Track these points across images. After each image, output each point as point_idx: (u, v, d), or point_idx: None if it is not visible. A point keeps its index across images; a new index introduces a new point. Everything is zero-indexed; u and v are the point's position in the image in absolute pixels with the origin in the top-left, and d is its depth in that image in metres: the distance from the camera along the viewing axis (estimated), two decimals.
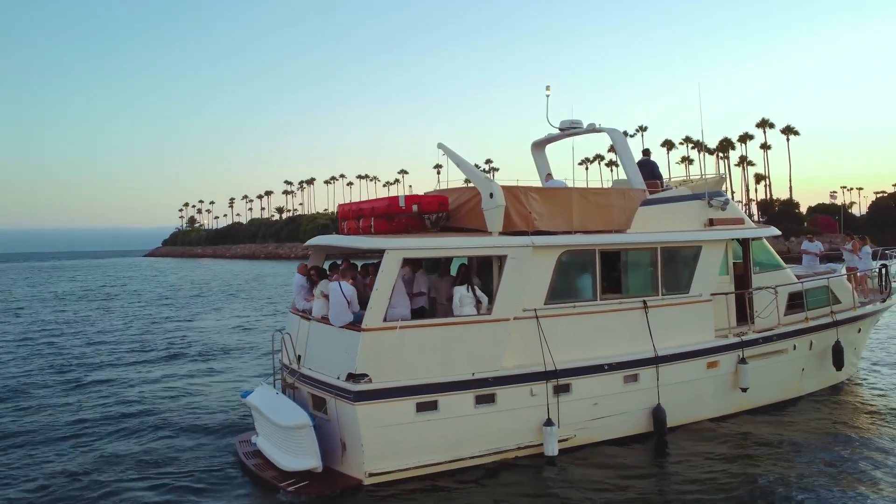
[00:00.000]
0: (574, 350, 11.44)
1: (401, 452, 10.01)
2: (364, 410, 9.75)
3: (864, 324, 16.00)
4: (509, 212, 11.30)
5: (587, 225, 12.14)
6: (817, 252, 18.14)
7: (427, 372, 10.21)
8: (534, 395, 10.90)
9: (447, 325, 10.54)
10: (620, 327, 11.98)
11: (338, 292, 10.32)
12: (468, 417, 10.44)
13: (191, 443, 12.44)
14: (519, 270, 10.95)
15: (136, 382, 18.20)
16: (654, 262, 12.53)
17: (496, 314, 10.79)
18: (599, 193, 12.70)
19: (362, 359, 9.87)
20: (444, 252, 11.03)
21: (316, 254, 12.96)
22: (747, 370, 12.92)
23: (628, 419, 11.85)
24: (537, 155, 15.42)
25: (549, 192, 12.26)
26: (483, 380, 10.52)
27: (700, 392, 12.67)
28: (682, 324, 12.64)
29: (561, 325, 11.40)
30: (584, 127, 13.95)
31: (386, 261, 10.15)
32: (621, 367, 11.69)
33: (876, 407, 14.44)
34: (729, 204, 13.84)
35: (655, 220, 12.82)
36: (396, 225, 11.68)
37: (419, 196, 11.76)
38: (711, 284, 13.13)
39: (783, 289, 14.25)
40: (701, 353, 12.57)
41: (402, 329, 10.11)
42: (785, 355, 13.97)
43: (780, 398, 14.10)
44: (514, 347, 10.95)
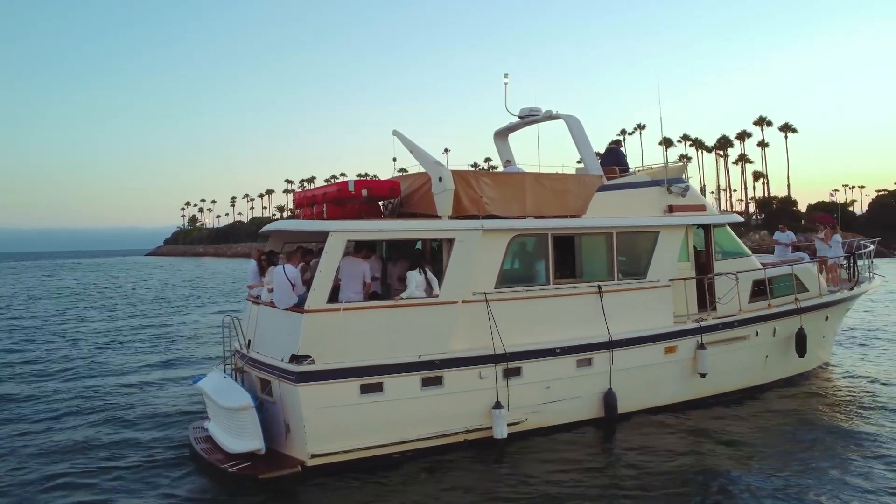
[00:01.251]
0: (526, 334, 11.44)
1: (344, 434, 10.02)
2: (306, 391, 9.76)
3: (832, 311, 15.93)
4: (459, 196, 11.31)
5: (542, 210, 12.14)
6: (788, 242, 18.11)
7: (372, 354, 10.22)
8: (482, 378, 10.90)
9: (393, 308, 10.55)
10: (574, 312, 11.97)
11: (281, 275, 10.35)
12: (414, 399, 10.45)
13: (146, 430, 12.50)
14: (467, 254, 10.96)
15: (97, 374, 18.27)
16: (610, 247, 12.53)
17: (443, 297, 10.80)
18: (554, 178, 12.70)
19: (305, 340, 9.90)
20: (388, 235, 11.06)
21: (274, 239, 12.99)
22: (706, 356, 12.89)
23: (581, 403, 11.84)
24: (500, 144, 15.42)
25: (501, 176, 12.28)
26: (430, 362, 10.53)
27: (657, 377, 12.65)
28: (639, 309, 12.63)
29: (512, 308, 11.41)
30: (542, 114, 13.96)
31: (330, 243, 10.17)
32: (574, 350, 11.68)
33: (843, 396, 14.42)
34: (689, 190, 13.82)
35: (612, 206, 12.82)
36: (349, 211, 11.67)
37: (369, 181, 11.77)
38: (670, 270, 13.12)
39: (746, 275, 14.21)
40: (657, 337, 12.56)
41: (346, 311, 10.13)
42: (747, 342, 13.93)
43: (743, 385, 14.07)
44: (463, 330, 10.96)
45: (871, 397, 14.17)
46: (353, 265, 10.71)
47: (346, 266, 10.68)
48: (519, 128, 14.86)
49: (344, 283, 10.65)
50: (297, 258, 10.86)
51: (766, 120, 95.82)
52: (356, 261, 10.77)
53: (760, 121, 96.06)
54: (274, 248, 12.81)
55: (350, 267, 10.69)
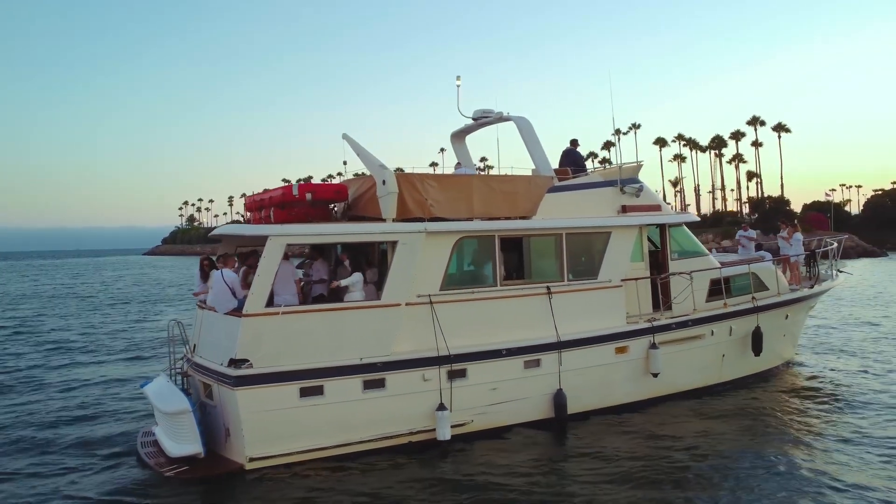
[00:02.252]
0: (472, 335, 11.48)
1: (284, 437, 10.06)
2: (244, 395, 9.81)
3: (792, 310, 15.96)
4: (404, 199, 11.36)
5: (490, 211, 12.18)
6: (751, 239, 18.16)
7: (312, 357, 10.27)
8: (426, 380, 10.94)
9: (333, 311, 10.60)
10: (522, 313, 12.01)
11: (219, 280, 10.41)
12: (356, 402, 10.50)
13: (97, 433, 12.55)
14: (410, 256, 11.00)
15: (56, 378, 18.24)
16: (559, 248, 12.57)
17: (386, 299, 10.85)
18: (503, 180, 12.75)
19: (243, 344, 9.95)
20: (328, 238, 11.09)
21: (226, 243, 13.02)
22: (658, 355, 12.92)
23: (530, 404, 11.89)
24: (457, 145, 15.46)
25: (447, 178, 12.32)
26: (372, 365, 10.58)
27: (608, 377, 12.69)
28: (591, 309, 12.67)
29: (458, 310, 11.45)
30: (494, 116, 14.01)
31: (268, 247, 10.21)
32: (521, 352, 11.72)
33: (802, 394, 14.51)
34: (644, 191, 13.87)
35: (563, 207, 12.87)
36: (296, 214, 11.71)
37: (314, 184, 11.81)
38: (622, 270, 13.16)
39: (702, 274, 14.25)
40: (607, 338, 12.60)
41: (284, 314, 10.18)
42: (702, 341, 13.96)
43: (698, 384, 14.09)
44: (408, 333, 11.01)
45: (831, 395, 14.26)
46: (284, 268, 10.66)
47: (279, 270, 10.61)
48: (474, 129, 14.89)
49: (277, 287, 10.60)
50: (233, 262, 10.88)
51: (760, 120, 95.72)
52: (285, 263, 10.70)
53: (754, 120, 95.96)
54: (227, 252, 12.85)
55: (282, 270, 10.64)
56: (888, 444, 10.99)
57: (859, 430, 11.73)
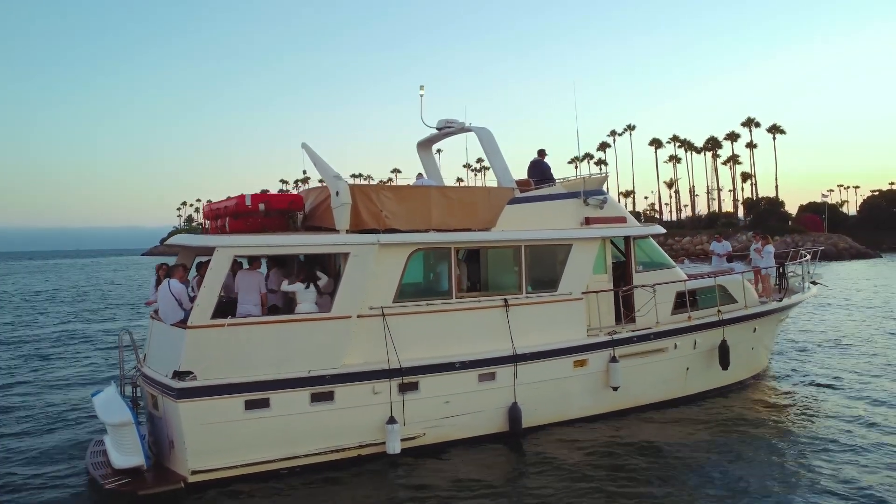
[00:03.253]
0: (426, 348, 11.41)
1: (228, 450, 9.99)
2: (187, 408, 9.74)
3: (761, 323, 15.87)
4: (359, 210, 11.30)
5: (448, 223, 12.11)
6: (724, 253, 18.09)
7: (259, 369, 10.20)
8: (376, 392, 10.87)
9: (281, 323, 10.53)
10: (478, 325, 11.93)
11: (166, 291, 10.35)
12: (303, 415, 10.42)
13: (50, 443, 12.47)
14: (362, 268, 10.93)
15: (12, 383, 18.09)
16: (518, 260, 12.49)
17: (336, 311, 10.77)
18: (461, 191, 12.69)
19: (188, 356, 9.88)
20: (278, 250, 11.00)
21: (185, 253, 12.93)
22: (617, 369, 12.84)
23: (483, 418, 11.81)
24: (423, 154, 15.39)
25: (404, 190, 12.26)
26: (320, 377, 10.51)
27: (565, 391, 12.60)
28: (550, 322, 12.60)
29: (411, 323, 11.38)
30: (457, 126, 13.94)
31: (215, 258, 10.15)
32: (475, 365, 11.65)
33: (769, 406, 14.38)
34: (608, 202, 13.78)
35: (524, 218, 12.78)
36: (252, 224, 11.66)
37: (267, 195, 11.75)
38: (583, 283, 13.08)
39: (668, 287, 14.17)
40: (565, 351, 12.52)
41: (231, 326, 10.11)
42: (665, 354, 13.88)
43: (661, 398, 14.00)
44: (359, 345, 10.94)
45: (800, 407, 14.18)
46: (248, 277, 10.72)
47: (242, 279, 10.71)
48: (439, 139, 14.83)
49: (241, 297, 10.66)
50: (181, 272, 10.83)
51: (754, 121, 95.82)
52: (251, 273, 10.78)
53: (748, 122, 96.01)
54: (185, 261, 12.77)
55: (245, 279, 10.70)
56: (858, 459, 10.97)
57: (828, 444, 11.69)
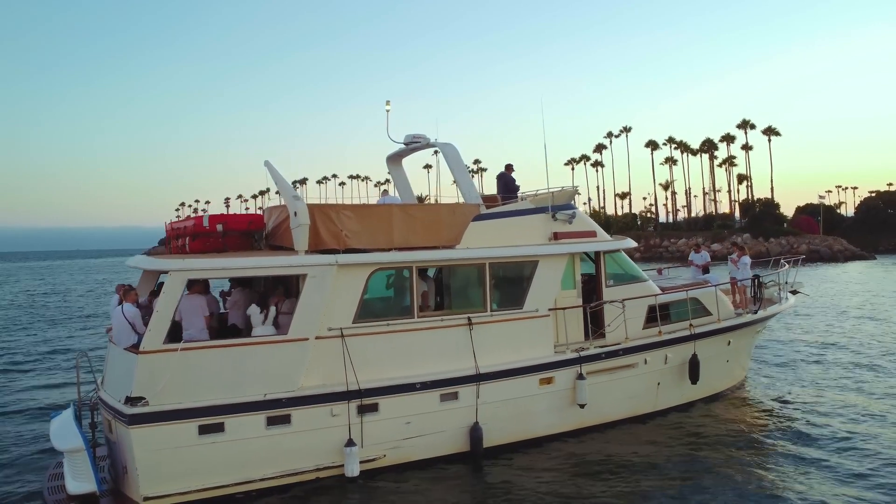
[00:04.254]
0: (387, 369, 11.31)
1: (181, 475, 9.89)
2: (138, 434, 9.64)
3: (735, 336, 15.75)
4: (318, 230, 11.20)
5: (410, 241, 12.00)
6: (702, 263, 17.95)
7: (213, 393, 10.10)
8: (334, 415, 10.77)
9: (235, 346, 10.43)
10: (440, 345, 11.82)
11: (119, 315, 10.25)
12: (259, 439, 10.32)
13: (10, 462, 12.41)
14: (320, 289, 10.82)
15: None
16: (482, 278, 12.38)
17: (293, 334, 10.67)
18: (424, 209, 12.60)
19: (139, 381, 9.78)
20: (233, 272, 10.90)
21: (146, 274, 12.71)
22: (584, 386, 12.73)
23: (445, 438, 11.70)
24: (392, 168, 15.29)
25: (364, 209, 12.16)
26: (276, 401, 10.41)
27: (530, 409, 12.48)
28: (515, 340, 12.49)
29: (371, 343, 11.28)
30: (424, 142, 13.83)
31: (168, 282, 10.04)
32: (436, 385, 11.54)
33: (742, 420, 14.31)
34: (577, 217, 13.67)
35: (489, 236, 12.66)
36: (212, 244, 11.58)
37: (226, 216, 11.66)
38: (549, 299, 12.97)
39: (639, 301, 14.06)
40: (530, 369, 12.41)
41: (184, 351, 10.01)
42: (635, 370, 13.77)
43: (631, 413, 13.88)
44: (317, 367, 10.84)
45: (776, 419, 14.18)
46: (190, 302, 10.49)
47: (184, 304, 10.40)
48: (407, 154, 14.74)
49: (185, 322, 10.46)
50: (134, 296, 10.71)
51: (750, 123, 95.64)
52: (192, 297, 10.54)
53: (744, 124, 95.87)
54: (149, 282, 12.66)
55: (188, 304, 10.47)
56: (834, 473, 10.95)
57: (799, 459, 11.68)
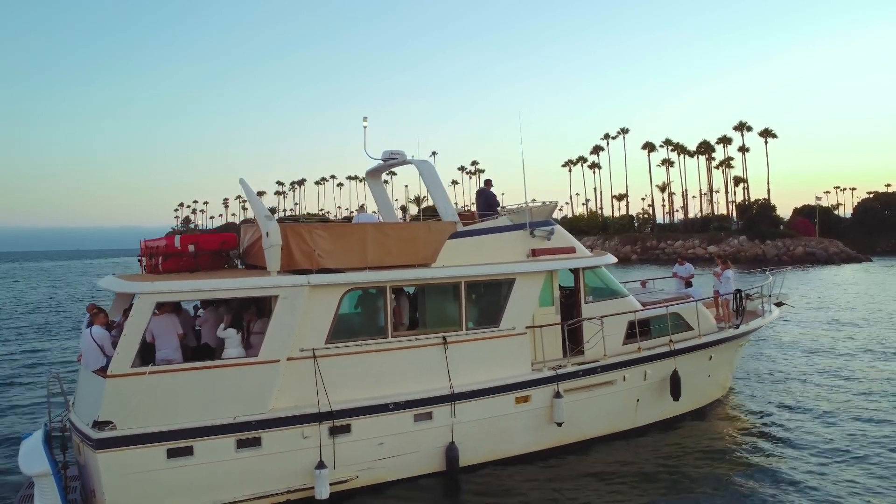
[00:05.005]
0: (360, 389, 11.27)
1: (149, 499, 9.84)
2: (105, 458, 9.60)
3: (717, 350, 15.70)
4: (291, 250, 11.15)
5: (384, 260, 11.94)
6: (685, 276, 17.90)
7: (183, 416, 10.05)
8: (305, 437, 10.72)
9: (204, 369, 10.37)
10: (415, 364, 11.77)
11: (87, 337, 10.20)
12: (229, 462, 10.28)
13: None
14: (292, 311, 10.77)
15: None
16: (458, 297, 12.32)
17: (263, 356, 10.62)
18: (400, 228, 12.53)
19: (107, 406, 9.73)
20: (202, 295, 10.84)
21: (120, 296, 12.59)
22: (561, 405, 12.67)
23: (419, 458, 11.65)
24: (372, 183, 15.25)
25: (338, 228, 12.11)
26: (246, 423, 10.36)
27: (506, 428, 12.43)
28: (491, 358, 12.44)
29: (344, 364, 11.23)
30: (400, 158, 13.78)
31: (136, 306, 9.99)
32: (410, 405, 11.49)
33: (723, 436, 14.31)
34: (555, 233, 13.60)
35: (465, 253, 12.60)
36: (185, 263, 11.54)
37: (198, 236, 11.61)
38: (526, 317, 12.91)
39: (620, 317, 14.00)
40: (506, 388, 12.35)
41: (152, 374, 9.95)
42: (613, 387, 13.71)
43: (610, 430, 13.82)
44: (289, 388, 10.79)
45: (753, 437, 14.12)
46: (162, 322, 10.46)
47: (156, 325, 10.40)
48: (385, 170, 14.69)
49: (158, 343, 10.42)
50: (104, 318, 10.65)
51: (746, 125, 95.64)
52: (164, 317, 10.52)
53: (740, 126, 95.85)
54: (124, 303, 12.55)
55: (160, 324, 10.45)
56: (816, 489, 11.01)
57: (784, 473, 11.73)
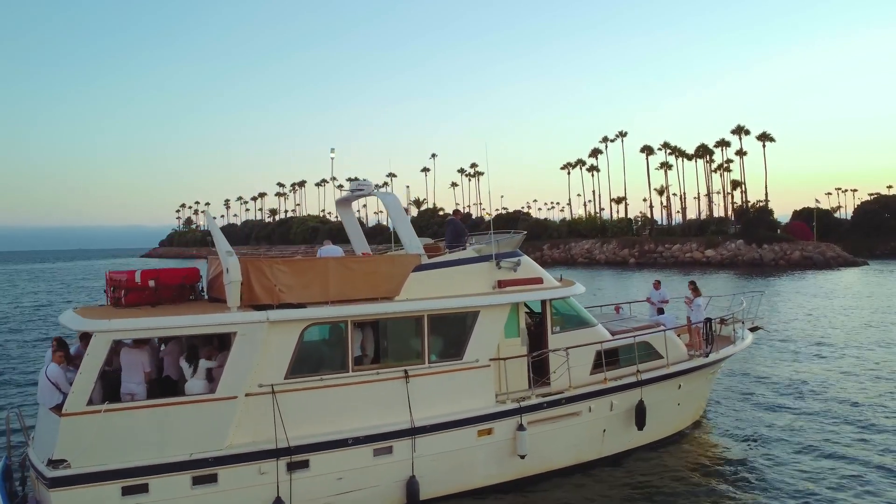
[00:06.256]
0: (320, 424, 11.35)
1: None
2: (59, 497, 9.70)
3: (686, 379, 15.73)
4: (252, 285, 11.24)
5: (347, 294, 12.02)
6: (658, 301, 17.93)
7: (138, 454, 10.15)
8: (263, 473, 10.81)
9: (160, 406, 10.47)
10: (375, 399, 11.85)
11: (43, 376, 10.31)
12: (185, 499, 10.37)
13: None
14: (250, 347, 10.87)
15: None
16: (420, 330, 12.40)
17: (221, 392, 10.71)
18: (362, 262, 12.60)
19: (62, 444, 9.84)
20: (159, 332, 10.94)
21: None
22: (524, 437, 12.74)
23: (380, 492, 11.73)
24: (342, 212, 15.37)
25: (300, 263, 12.19)
26: (202, 460, 10.46)
27: (468, 461, 12.50)
28: (454, 391, 12.50)
29: (304, 399, 11.32)
30: (367, 190, 13.90)
31: (93, 343, 10.09)
32: (370, 440, 11.58)
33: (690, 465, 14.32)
34: (522, 264, 13.66)
35: (429, 286, 12.67)
36: (147, 297, 11.64)
37: (159, 270, 11.72)
38: (490, 349, 12.98)
39: (587, 348, 14.05)
40: (468, 421, 12.43)
41: (108, 412, 10.06)
42: (579, 418, 13.77)
43: (575, 461, 13.85)
44: (247, 424, 10.88)
45: (721, 467, 14.14)
46: (131, 356, 10.65)
47: (125, 357, 10.65)
48: (354, 199, 14.81)
49: (124, 376, 10.60)
50: (60, 356, 10.75)
51: (744, 129, 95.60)
52: (133, 351, 10.70)
53: (738, 130, 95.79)
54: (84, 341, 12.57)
55: (128, 358, 10.63)
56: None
57: None
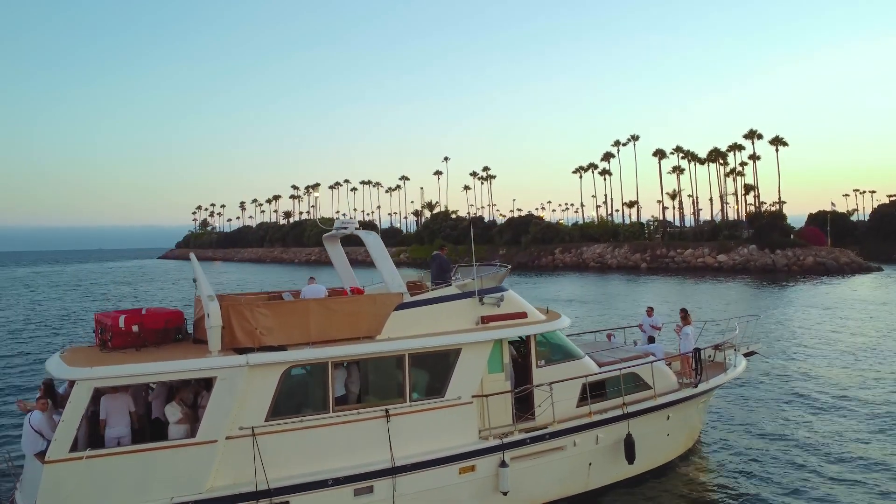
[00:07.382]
0: (301, 465, 11.51)
1: None
2: None
3: (675, 410, 15.73)
4: (233, 329, 11.44)
5: (329, 334, 12.18)
6: (651, 328, 17.90)
7: (119, 500, 10.36)
8: None
9: (141, 452, 10.67)
10: (356, 439, 11.99)
11: (26, 423, 10.55)
12: None
13: None
14: (230, 391, 11.05)
15: None
16: (402, 369, 12.52)
17: (201, 437, 10.90)
18: (344, 302, 12.75)
19: (44, 491, 10.06)
20: (141, 378, 11.11)
21: None
22: (507, 474, 12.83)
23: None
24: (329, 248, 15.56)
25: (280, 306, 12.36)
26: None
27: (450, 498, 12.60)
28: (436, 429, 12.61)
29: (284, 441, 11.48)
30: (350, 229, 14.09)
31: (74, 391, 10.31)
32: (350, 480, 11.72)
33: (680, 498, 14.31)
34: (505, 299, 13.75)
35: (411, 324, 12.80)
36: (132, 340, 11.84)
37: (143, 316, 11.93)
38: (473, 386, 13.07)
39: (572, 381, 14.11)
40: (449, 459, 12.53)
41: (90, 458, 10.28)
42: (564, 452, 13.83)
43: (560, 496, 13.93)
44: (226, 467, 11.05)
45: (715, 492, 14.11)
46: (115, 401, 10.87)
47: (109, 403, 10.85)
48: (339, 236, 15.02)
49: (109, 421, 10.82)
50: (45, 404, 10.98)
51: (757, 133, 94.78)
52: (116, 396, 10.91)
53: (751, 134, 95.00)
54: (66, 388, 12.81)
55: (112, 403, 10.85)
56: None
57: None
